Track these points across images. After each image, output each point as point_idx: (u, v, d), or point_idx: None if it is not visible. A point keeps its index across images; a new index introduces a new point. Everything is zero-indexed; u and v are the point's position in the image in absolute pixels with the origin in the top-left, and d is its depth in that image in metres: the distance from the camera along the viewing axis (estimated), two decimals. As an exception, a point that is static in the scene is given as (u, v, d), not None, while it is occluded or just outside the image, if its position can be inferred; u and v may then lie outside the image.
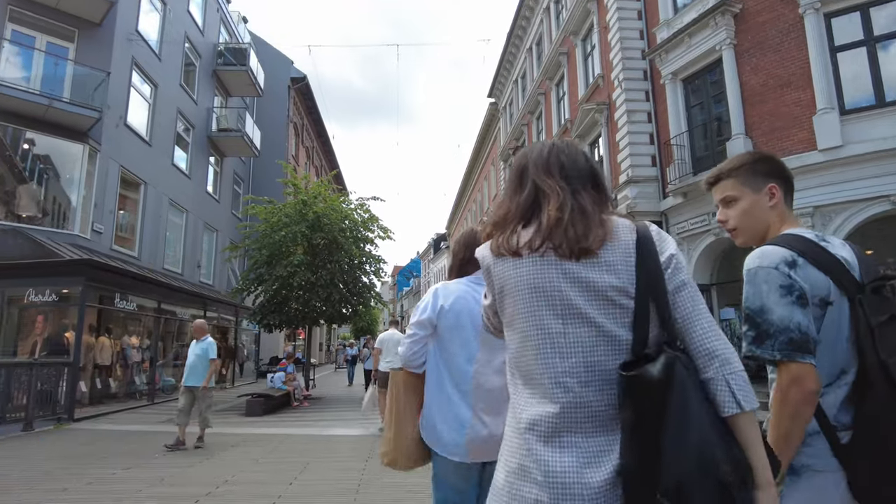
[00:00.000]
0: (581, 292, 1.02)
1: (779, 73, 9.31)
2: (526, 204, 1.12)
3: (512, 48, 22.36)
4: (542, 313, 1.04)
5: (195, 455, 6.17)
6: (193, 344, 6.88)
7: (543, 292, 1.04)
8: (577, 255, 1.02)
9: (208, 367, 6.70)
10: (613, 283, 1.01)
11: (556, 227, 1.04)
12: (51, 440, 7.38)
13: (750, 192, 1.41)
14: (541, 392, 1.03)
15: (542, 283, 1.05)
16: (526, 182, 1.16)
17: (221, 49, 19.29)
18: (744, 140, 9.61)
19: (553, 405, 1.00)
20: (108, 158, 12.11)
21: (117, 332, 12.08)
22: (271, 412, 10.64)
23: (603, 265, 1.03)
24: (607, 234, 1.04)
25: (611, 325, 1.01)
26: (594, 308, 1.01)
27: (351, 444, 7.00)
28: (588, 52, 14.70)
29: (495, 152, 26.15)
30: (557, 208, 1.06)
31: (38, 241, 9.88)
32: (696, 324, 1.01)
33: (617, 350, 1.00)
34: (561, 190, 1.09)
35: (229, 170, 20.37)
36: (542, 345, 1.03)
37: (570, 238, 1.03)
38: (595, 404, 0.99)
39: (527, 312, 1.06)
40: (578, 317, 1.02)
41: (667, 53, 11.36)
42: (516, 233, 1.09)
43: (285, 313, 12.82)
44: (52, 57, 11.48)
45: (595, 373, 1.00)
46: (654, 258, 1.04)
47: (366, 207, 14.08)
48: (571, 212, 1.05)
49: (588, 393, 0.99)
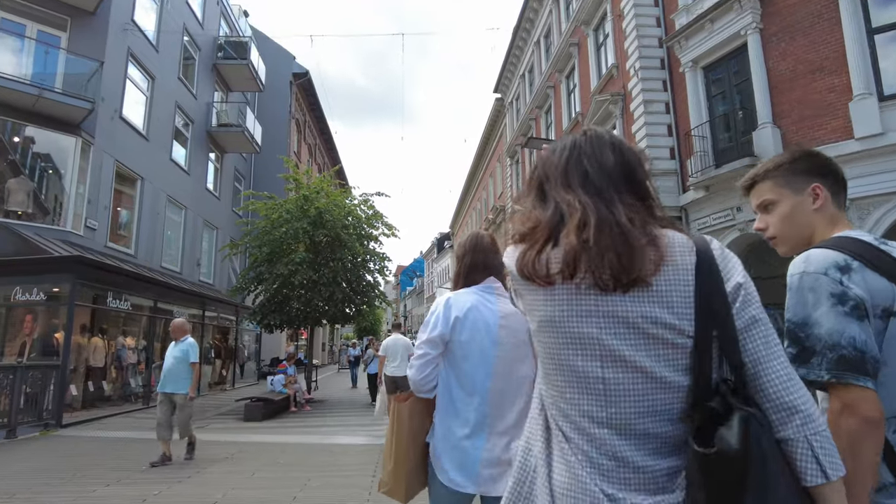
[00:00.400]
0: (626, 332, 0.86)
1: (809, 57, 8.75)
2: (553, 222, 0.93)
3: (519, 42, 21.83)
4: (575, 354, 0.89)
5: (184, 469, 5.64)
6: (172, 346, 6.08)
7: (578, 332, 0.88)
8: (625, 286, 0.84)
9: (190, 372, 5.91)
10: (667, 321, 0.85)
11: (585, 252, 0.85)
12: (33, 449, 6.88)
13: (790, 194, 1.26)
14: (577, 436, 0.89)
15: (575, 321, 0.88)
16: (547, 197, 0.98)
17: (221, 42, 18.84)
18: (771, 129, 9.06)
19: (589, 455, 0.87)
20: (102, 152, 11.64)
21: (111, 332, 11.59)
22: (271, 417, 10.15)
23: (655, 297, 0.85)
24: (662, 256, 0.86)
25: (661, 370, 0.85)
26: (641, 350, 0.86)
27: (357, 455, 6.48)
28: (601, 42, 14.16)
29: (501, 149, 25.61)
30: (577, 231, 0.87)
31: (26, 237, 9.40)
32: (770, 370, 0.84)
33: (670, 399, 0.86)
34: (584, 206, 0.90)
35: (230, 166, 19.91)
36: (576, 389, 0.89)
37: (612, 265, 0.84)
38: (639, 461, 0.85)
39: (558, 351, 0.91)
40: (621, 361, 0.86)
41: (686, 40, 10.81)
42: (545, 252, 0.90)
43: (286, 313, 12.33)
44: (44, 46, 10.99)
45: (641, 425, 0.86)
46: (718, 287, 0.86)
47: (370, 203, 13.57)
48: (600, 232, 0.86)
49: (629, 448, 0.86)
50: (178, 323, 6.23)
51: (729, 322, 0.85)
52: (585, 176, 0.94)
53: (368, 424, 9.25)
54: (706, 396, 0.83)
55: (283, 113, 23.17)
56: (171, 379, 5.89)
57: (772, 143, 9.01)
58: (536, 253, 0.90)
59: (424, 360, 1.79)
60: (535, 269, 0.89)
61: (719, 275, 0.87)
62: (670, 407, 0.85)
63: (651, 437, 0.85)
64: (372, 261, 13.61)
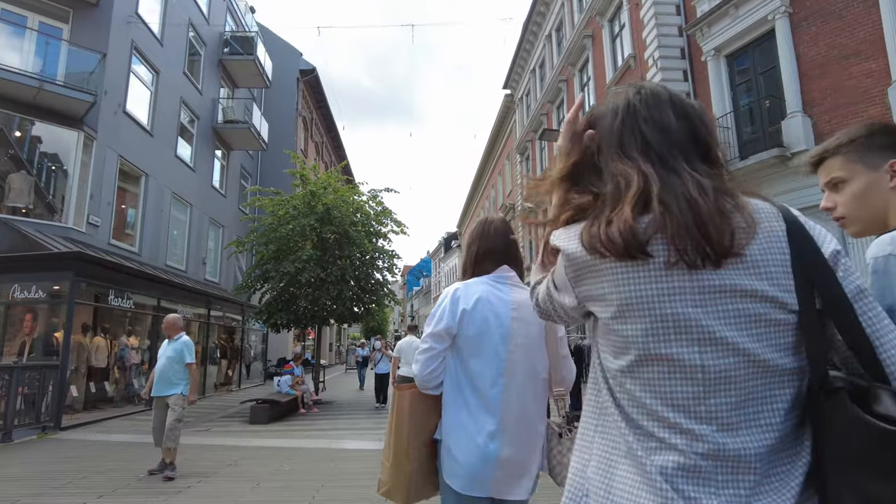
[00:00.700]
0: (725, 311, 0.76)
1: (843, 42, 8.28)
2: (615, 191, 0.81)
3: (529, 36, 21.41)
4: (668, 340, 0.77)
5: (184, 478, 5.26)
6: (165, 344, 5.52)
7: (672, 313, 0.76)
8: (715, 258, 0.74)
9: (185, 374, 5.37)
10: (768, 293, 0.76)
11: (665, 226, 0.75)
12: (27, 454, 6.55)
13: (864, 170, 1.15)
14: (666, 434, 0.77)
15: (668, 301, 0.77)
16: (602, 163, 0.87)
17: (227, 38, 18.55)
18: (801, 118, 8.60)
19: (679, 454, 0.76)
20: (105, 147, 11.35)
21: (114, 331, 11.30)
22: (277, 420, 9.81)
23: (751, 269, 0.76)
24: (752, 224, 0.76)
25: (766, 351, 0.75)
26: (743, 330, 0.76)
27: (368, 461, 6.09)
28: (616, 33, 13.73)
29: (511, 146, 25.19)
30: (635, 203, 0.77)
31: (26, 233, 9.10)
32: (890, 345, 0.74)
33: (775, 384, 0.76)
34: (646, 177, 0.79)
35: (236, 164, 19.64)
36: (669, 380, 0.78)
37: (695, 239, 0.73)
38: (745, 455, 0.74)
39: (645, 339, 0.78)
40: (722, 345, 0.76)
41: (709, 27, 10.36)
42: (623, 223, 0.76)
43: (293, 312, 12.00)
44: (44, 37, 10.72)
45: (747, 417, 0.75)
46: (817, 255, 0.77)
47: (378, 199, 13.20)
48: (668, 205, 0.76)
49: (735, 444, 0.74)
50: (171, 319, 5.63)
51: (836, 292, 0.76)
52: (645, 142, 0.84)
53: (378, 428, 8.90)
54: (822, 377, 0.75)
55: (290, 110, 22.88)
56: (164, 381, 5.35)
57: (802, 132, 8.55)
58: (606, 224, 0.78)
59: (429, 355, 1.67)
60: (610, 239, 0.77)
61: (814, 241, 0.79)
62: (777, 394, 0.77)
63: (759, 429, 0.76)
64: (381, 258, 13.25)
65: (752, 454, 0.75)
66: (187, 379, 5.43)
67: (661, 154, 0.83)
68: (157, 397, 5.44)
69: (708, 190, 0.78)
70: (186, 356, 5.40)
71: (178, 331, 5.57)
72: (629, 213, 0.77)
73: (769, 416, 0.76)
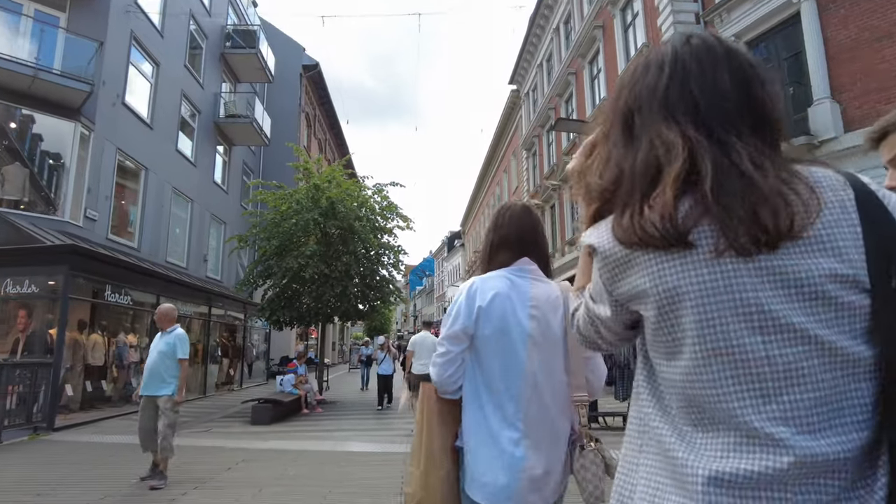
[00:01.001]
0: (791, 293, 0.66)
1: (875, 23, 7.87)
2: (646, 167, 0.72)
3: (536, 30, 21.04)
4: (727, 332, 0.68)
5: (178, 485, 4.88)
6: (157, 337, 5.02)
7: (730, 300, 0.68)
8: (772, 244, 0.65)
9: (177, 371, 4.85)
10: (839, 272, 0.66)
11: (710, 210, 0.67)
12: (16, 457, 6.18)
13: None
14: (733, 440, 0.68)
15: (724, 288, 0.68)
16: (638, 133, 0.76)
17: (229, 31, 18.23)
18: (830, 105, 8.21)
19: (751, 459, 0.66)
20: (103, 139, 11.03)
21: (112, 329, 10.96)
22: (280, 420, 9.46)
23: (814, 244, 0.67)
24: (815, 200, 0.67)
25: (837, 338, 0.66)
26: (811, 315, 0.66)
27: (377, 466, 5.72)
28: (629, 22, 13.34)
29: (517, 142, 24.82)
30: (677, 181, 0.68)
31: (19, 226, 8.77)
32: None
33: (855, 377, 0.66)
34: (690, 150, 0.69)
35: (238, 160, 19.32)
36: (732, 378, 0.68)
37: (747, 224, 0.65)
38: (833, 459, 0.64)
39: (700, 334, 0.69)
40: (790, 333, 0.66)
41: (728, 13, 9.96)
42: (663, 209, 0.68)
43: (296, 309, 11.65)
44: (40, 25, 10.38)
45: (822, 416, 0.65)
46: (892, 225, 0.67)
47: (384, 194, 12.83)
48: (720, 184, 0.67)
49: (821, 445, 0.64)
50: (164, 309, 5.11)
51: None
52: (694, 105, 0.72)
53: (384, 429, 8.56)
54: None
55: (293, 106, 22.55)
56: (155, 378, 4.86)
57: (830, 119, 8.16)
58: (640, 212, 0.69)
59: (446, 359, 1.55)
60: (643, 229, 0.69)
61: (890, 211, 0.68)
62: (857, 387, 0.66)
63: (844, 429, 0.65)
64: (386, 254, 12.89)
65: (841, 457, 0.65)
66: (178, 377, 4.96)
67: (711, 122, 0.72)
68: (146, 396, 4.94)
69: (764, 166, 0.68)
70: (179, 351, 4.89)
71: (171, 322, 5.07)
72: (670, 198, 0.68)
73: (853, 413, 0.66)
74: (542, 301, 1.56)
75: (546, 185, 19.22)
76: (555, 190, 18.81)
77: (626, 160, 0.76)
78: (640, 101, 0.77)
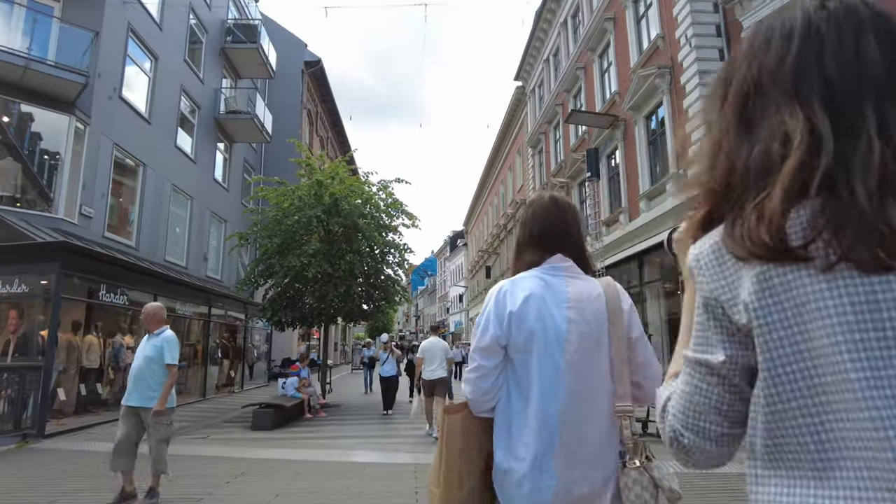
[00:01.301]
0: None
1: (910, 9, 7.46)
2: (766, 158, 0.60)
3: (543, 24, 20.63)
4: (864, 355, 0.55)
5: (170, 502, 4.50)
6: (144, 340, 4.47)
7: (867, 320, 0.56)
8: None
9: (165, 377, 4.30)
10: None
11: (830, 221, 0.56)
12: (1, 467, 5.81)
13: None
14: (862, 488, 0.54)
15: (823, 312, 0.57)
16: (757, 114, 0.64)
17: (230, 26, 17.87)
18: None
19: None
20: (99, 134, 10.65)
21: (108, 330, 10.58)
22: (282, 425, 9.07)
23: None
24: None
25: None
26: None
27: (387, 480, 5.32)
28: (641, 13, 12.93)
29: (522, 139, 24.42)
30: (795, 175, 0.57)
31: (9, 222, 8.38)
32: None
33: None
34: (811, 141, 0.58)
35: (239, 157, 18.95)
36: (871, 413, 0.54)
37: (875, 235, 0.53)
38: None
39: (829, 355, 0.57)
40: None
41: (749, 1, 9.55)
42: (771, 215, 0.57)
43: (299, 309, 11.27)
44: (33, 13, 10.01)
45: None
46: None
47: (389, 191, 12.45)
48: (838, 183, 0.56)
49: None
50: (151, 308, 4.52)
51: None
52: (827, 85, 0.60)
53: (390, 436, 8.19)
54: None
55: (295, 103, 22.18)
56: (139, 386, 4.26)
57: None
58: (749, 221, 0.59)
59: (479, 374, 1.42)
60: (758, 237, 0.58)
61: None
62: None
63: None
64: (391, 253, 12.50)
65: None
66: (165, 385, 4.36)
67: (848, 104, 0.58)
68: (126, 406, 4.32)
69: None
70: (167, 355, 4.33)
71: (159, 323, 4.49)
72: (779, 202, 0.57)
73: None
74: (580, 301, 1.43)
75: (553, 183, 18.82)
76: (562, 188, 18.40)
77: (742, 148, 0.64)
78: (763, 77, 0.65)
